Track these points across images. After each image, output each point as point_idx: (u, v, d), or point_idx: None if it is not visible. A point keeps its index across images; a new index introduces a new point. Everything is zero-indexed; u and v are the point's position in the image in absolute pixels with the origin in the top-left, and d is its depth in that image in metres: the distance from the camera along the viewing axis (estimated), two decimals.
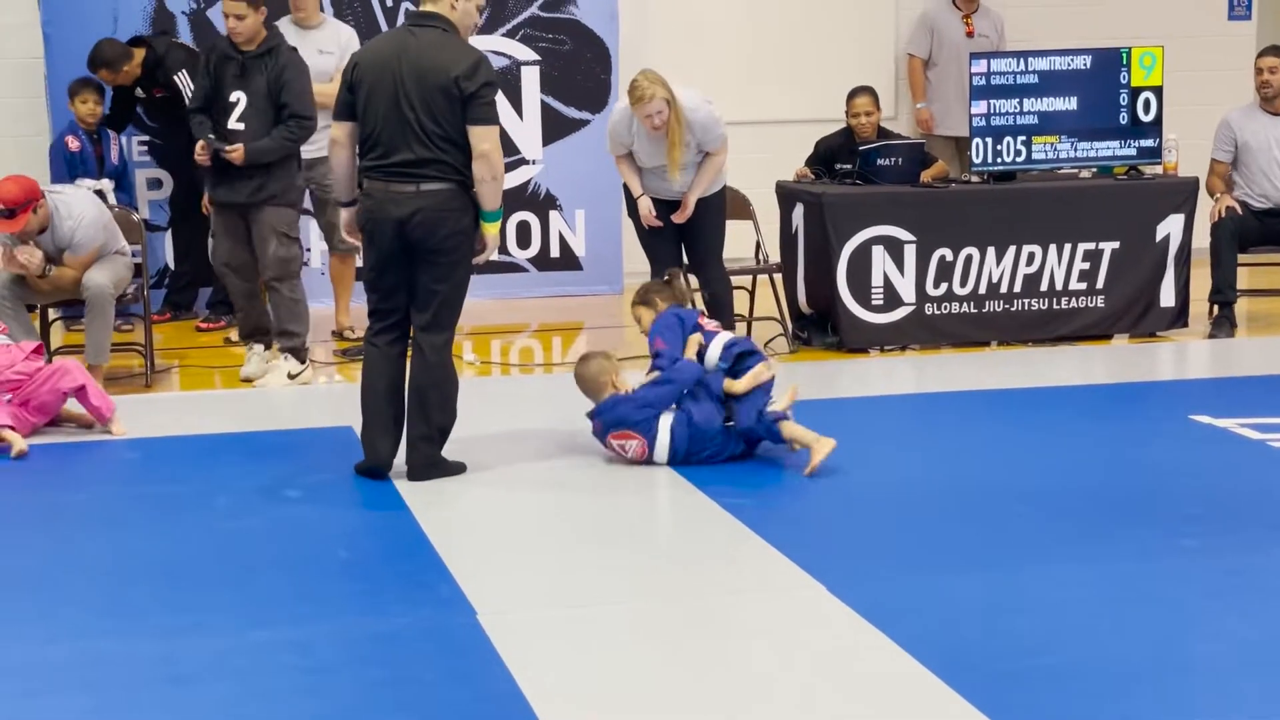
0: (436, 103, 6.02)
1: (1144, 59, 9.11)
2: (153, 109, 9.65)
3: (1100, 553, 5.30)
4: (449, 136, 6.04)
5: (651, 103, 7.71)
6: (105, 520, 5.92)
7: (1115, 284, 8.94)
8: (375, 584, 5.15)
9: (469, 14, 6.19)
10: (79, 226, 7.76)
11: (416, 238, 6.07)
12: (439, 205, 6.06)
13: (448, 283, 6.15)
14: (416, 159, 6.04)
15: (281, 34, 8.17)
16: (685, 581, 5.15)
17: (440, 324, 6.19)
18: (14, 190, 7.54)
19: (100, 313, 7.80)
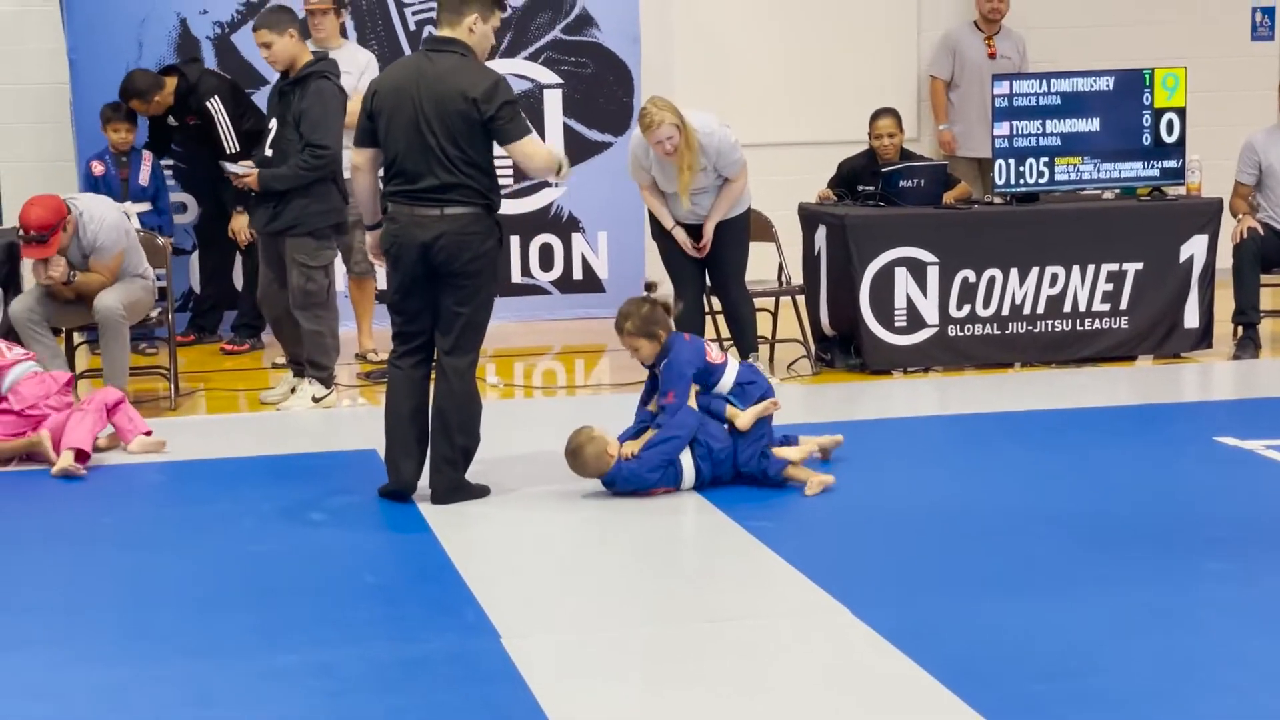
0: (457, 127, 6.05)
1: (1167, 80, 9.10)
2: (185, 136, 9.69)
3: (1125, 575, 5.28)
4: (471, 160, 6.08)
5: (661, 128, 7.75)
6: (131, 543, 5.94)
7: (1139, 305, 8.92)
8: (400, 608, 5.16)
9: (486, 37, 6.21)
10: (100, 229, 7.81)
11: (440, 261, 6.09)
12: (462, 229, 6.08)
13: (471, 305, 6.17)
14: (440, 184, 6.07)
15: (329, 62, 8.01)
16: (709, 604, 5.15)
17: (463, 347, 6.21)
18: (44, 215, 7.60)
19: (114, 335, 7.82)
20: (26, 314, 7.76)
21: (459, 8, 6.13)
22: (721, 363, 6.52)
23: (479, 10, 6.14)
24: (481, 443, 6.32)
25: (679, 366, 6.40)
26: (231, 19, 10.00)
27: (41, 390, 7.04)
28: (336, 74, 7.94)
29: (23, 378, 7.08)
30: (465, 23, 6.12)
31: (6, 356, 7.16)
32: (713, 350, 6.55)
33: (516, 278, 10.50)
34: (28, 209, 7.63)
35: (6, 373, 7.09)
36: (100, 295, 7.81)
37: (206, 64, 9.90)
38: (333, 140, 7.77)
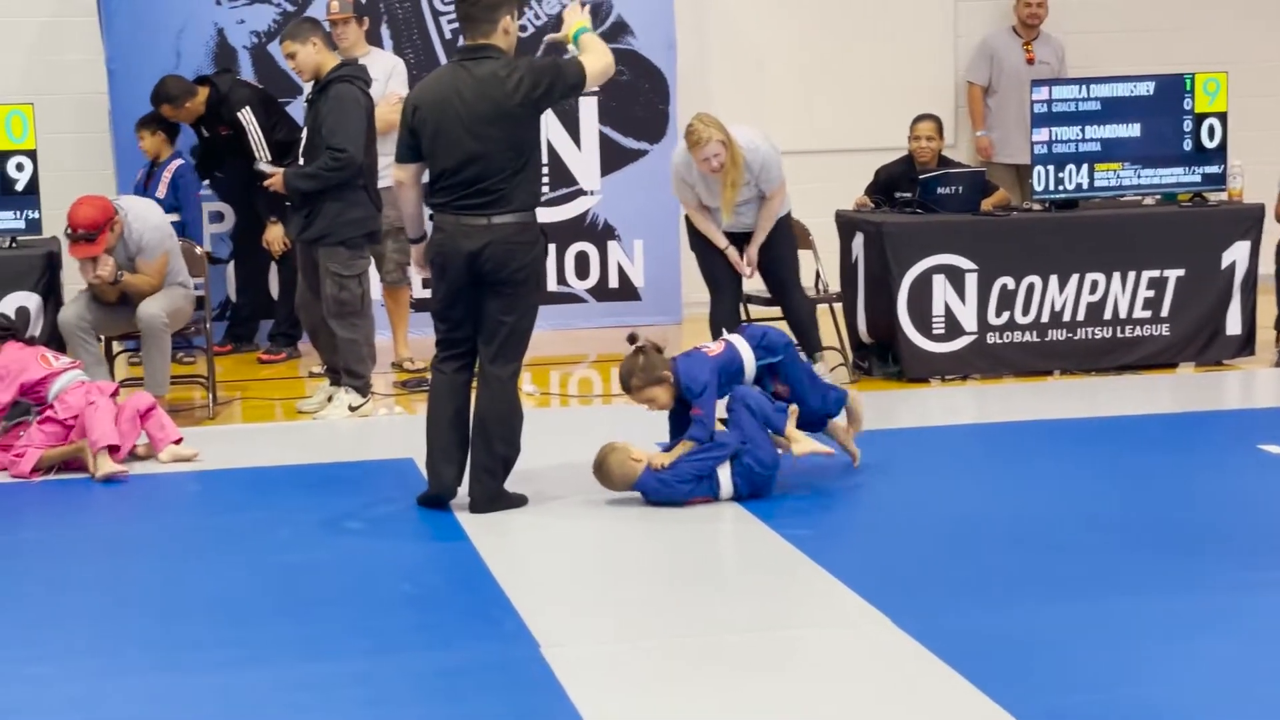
0: (510, 131, 6.06)
1: (1208, 85, 9.04)
2: (218, 146, 9.71)
3: (1169, 584, 5.23)
4: (519, 168, 6.08)
5: (708, 145, 7.75)
6: (168, 552, 5.95)
7: (1180, 312, 8.85)
8: (438, 617, 5.14)
9: (515, 36, 6.24)
10: (145, 230, 7.86)
11: (487, 270, 6.08)
12: (509, 238, 6.08)
13: (515, 314, 6.16)
14: (487, 194, 6.06)
15: (356, 67, 8.04)
16: (748, 614, 5.12)
17: (506, 356, 6.20)
18: (92, 214, 7.66)
19: (155, 343, 7.85)
20: (76, 320, 7.79)
21: (490, 15, 6.11)
22: (731, 355, 6.44)
23: (508, 11, 6.14)
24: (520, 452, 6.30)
25: (699, 382, 6.30)
26: (268, 28, 10.03)
27: (87, 399, 7.06)
28: (364, 80, 7.96)
29: (69, 386, 7.11)
30: (500, 25, 6.11)
31: (54, 365, 7.20)
32: (711, 349, 6.49)
33: (552, 286, 10.49)
34: (76, 208, 7.68)
35: (54, 381, 7.13)
36: (144, 303, 7.84)
37: (243, 74, 9.93)
38: (351, 144, 7.74)
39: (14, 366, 7.13)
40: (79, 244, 7.66)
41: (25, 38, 10.42)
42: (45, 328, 7.99)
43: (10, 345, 7.24)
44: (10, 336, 7.31)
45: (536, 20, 10.32)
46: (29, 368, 7.14)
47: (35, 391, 7.13)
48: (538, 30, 10.28)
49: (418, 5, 10.18)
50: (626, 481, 6.26)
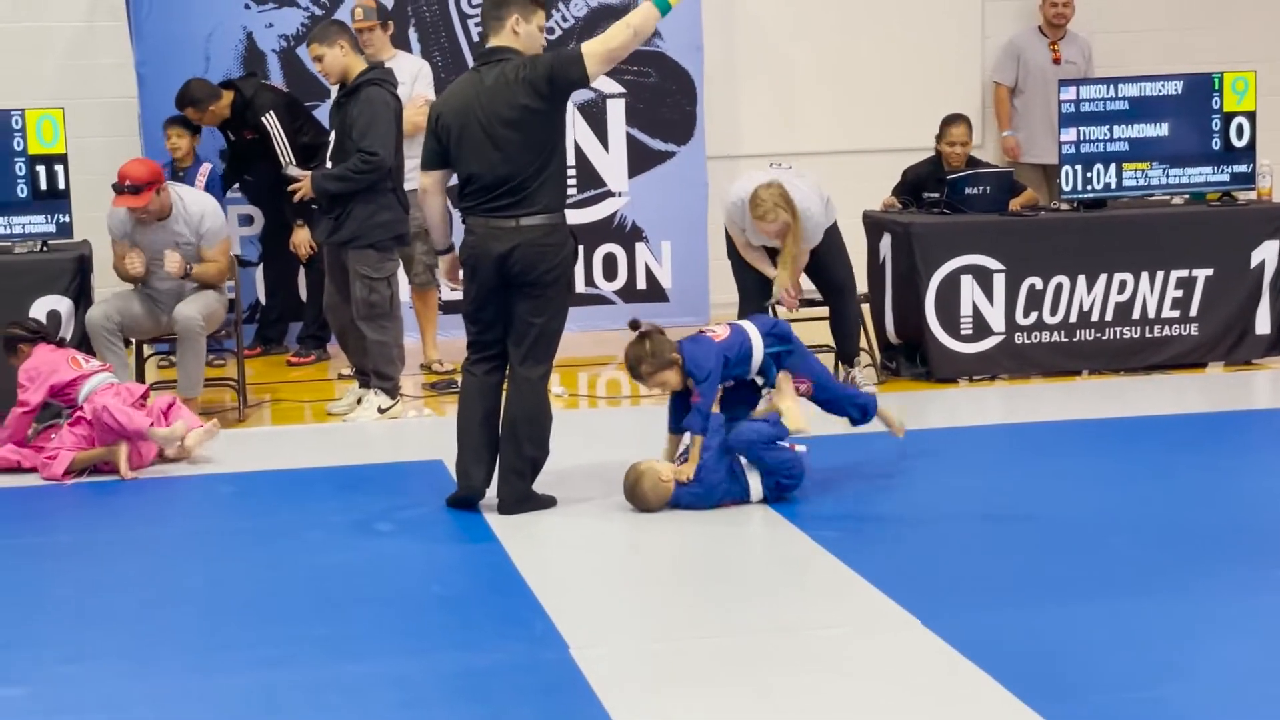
0: (527, 131, 6.06)
1: (1236, 84, 9.01)
2: (244, 151, 9.76)
3: (1200, 585, 5.22)
4: (543, 168, 6.10)
5: (774, 224, 7.82)
6: (199, 554, 5.98)
7: (1209, 312, 8.83)
8: (468, 618, 5.16)
9: (532, 37, 6.19)
10: (205, 213, 8.00)
11: (516, 272, 6.11)
12: (538, 240, 6.10)
13: (545, 316, 6.19)
14: (514, 196, 6.09)
15: (384, 70, 8.08)
16: (777, 615, 5.12)
17: (536, 358, 6.23)
18: (140, 170, 7.82)
19: (190, 345, 7.90)
20: (103, 321, 7.83)
21: (498, 12, 6.14)
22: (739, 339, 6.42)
23: (518, 11, 6.12)
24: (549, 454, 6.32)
25: (703, 369, 6.29)
26: (296, 32, 10.07)
27: (116, 401, 7.11)
28: (391, 82, 7.99)
29: (99, 388, 7.16)
30: (508, 26, 6.12)
31: (84, 367, 7.26)
32: (717, 333, 6.43)
33: (580, 287, 10.49)
34: (129, 164, 7.91)
35: (84, 383, 7.18)
36: (180, 305, 7.91)
37: (271, 77, 9.98)
38: (382, 146, 7.76)
39: (44, 368, 7.18)
40: (124, 195, 7.78)
41: (57, 43, 10.49)
42: (76, 331, 8.03)
43: (42, 347, 7.30)
44: (41, 339, 7.37)
45: (564, 22, 10.34)
46: (59, 369, 7.19)
47: (65, 394, 7.18)
48: (565, 33, 10.30)
49: (445, 8, 10.21)
50: (662, 501, 6.25)
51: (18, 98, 9.36)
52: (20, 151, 8.39)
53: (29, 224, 8.43)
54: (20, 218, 8.42)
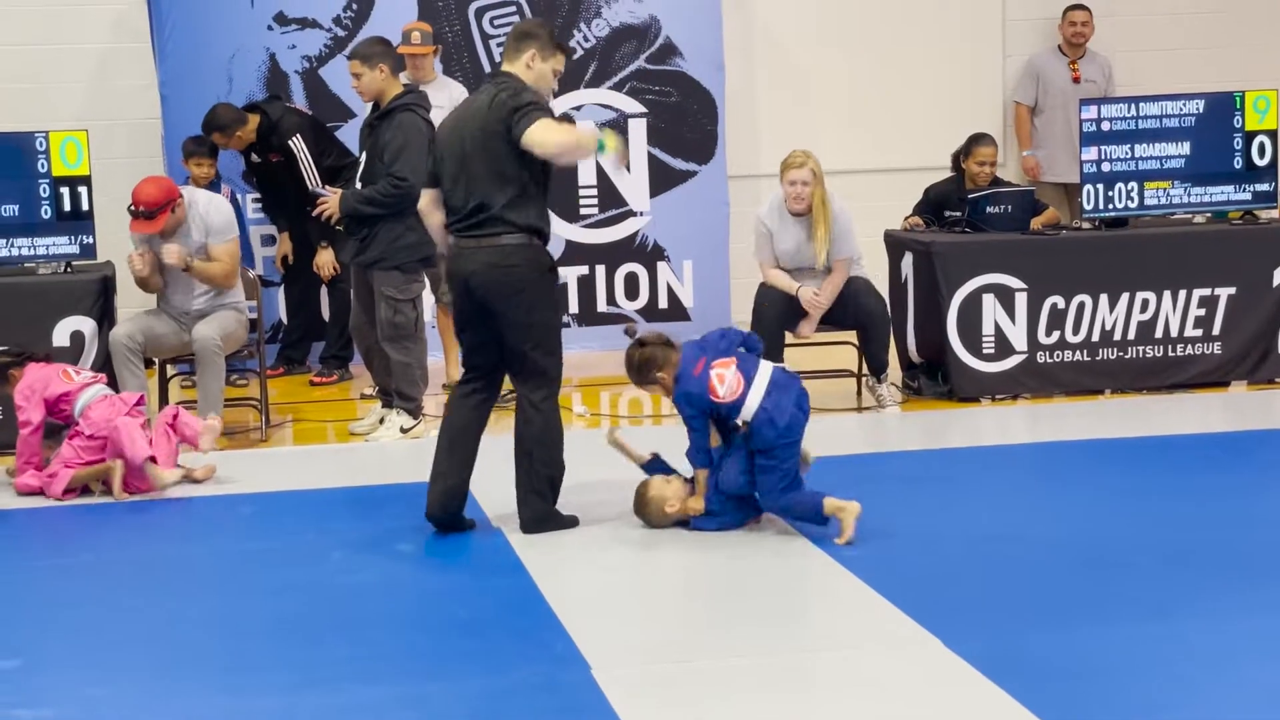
0: (497, 152, 6.02)
1: (1258, 103, 9.00)
2: (269, 173, 9.79)
3: (1222, 605, 5.20)
4: (514, 191, 6.04)
5: (801, 170, 8.02)
6: (220, 575, 6.00)
7: (1232, 330, 8.80)
8: (489, 639, 5.16)
9: (544, 76, 6.19)
10: (211, 209, 8.06)
11: (481, 296, 6.10)
12: (498, 261, 6.06)
13: (527, 340, 6.13)
14: (480, 215, 6.07)
15: (418, 95, 8.11)
16: (799, 635, 5.12)
17: (534, 381, 6.21)
18: (154, 192, 7.84)
19: (209, 365, 7.92)
20: (126, 340, 7.86)
21: (518, 44, 6.18)
22: (735, 399, 6.07)
23: (537, 48, 6.15)
24: (568, 472, 6.32)
25: (685, 409, 6.19)
26: (319, 53, 10.11)
27: (111, 411, 7.13)
28: (425, 107, 8.01)
29: (94, 401, 7.18)
30: (523, 58, 6.14)
31: (75, 380, 7.25)
32: (725, 380, 6.10)
33: (602, 306, 10.52)
34: (141, 185, 7.90)
35: (78, 396, 7.19)
36: (199, 325, 7.94)
37: (294, 98, 10.02)
38: (412, 172, 7.75)
39: (37, 385, 7.19)
40: (139, 220, 7.83)
41: (80, 65, 10.55)
42: (100, 352, 8.06)
43: (32, 366, 7.31)
44: (27, 359, 7.38)
45: (586, 42, 10.36)
46: (51, 383, 7.20)
47: (60, 409, 7.19)
48: (586, 52, 10.33)
49: (468, 30, 10.24)
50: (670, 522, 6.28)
51: (42, 119, 9.42)
52: (44, 173, 8.43)
53: (53, 245, 8.46)
54: (44, 239, 8.46)
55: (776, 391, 6.08)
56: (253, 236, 10.11)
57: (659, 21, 10.42)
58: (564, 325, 10.31)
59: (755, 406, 6.05)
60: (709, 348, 6.27)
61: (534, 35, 6.20)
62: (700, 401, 6.14)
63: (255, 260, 10.02)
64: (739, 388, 6.09)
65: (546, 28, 6.37)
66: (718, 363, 6.17)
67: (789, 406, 6.07)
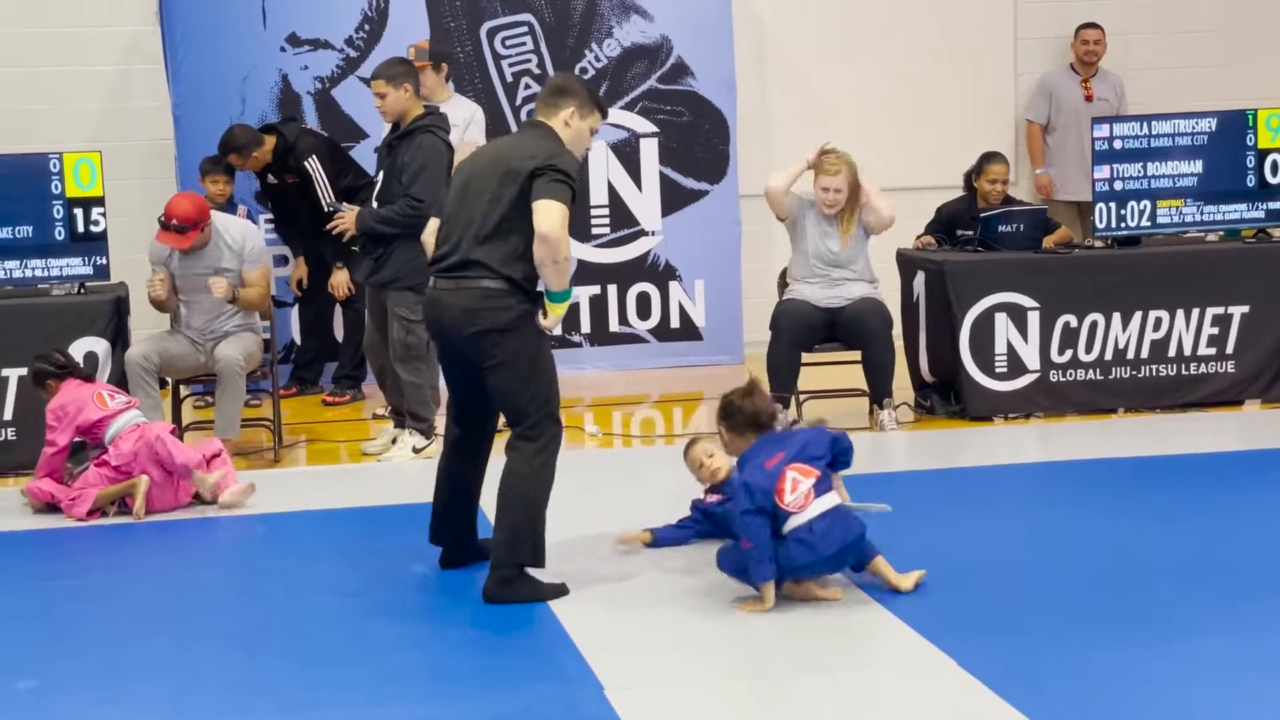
0: (496, 189, 5.67)
1: (1270, 121, 8.98)
2: (284, 194, 9.81)
3: (1240, 626, 5.18)
4: (499, 230, 5.66)
5: (836, 177, 8.16)
6: (235, 595, 6.00)
7: (1246, 348, 8.79)
8: (502, 659, 5.16)
9: (581, 135, 5.85)
10: (246, 236, 8.15)
11: (455, 342, 5.76)
12: (469, 304, 5.68)
13: (502, 386, 5.73)
14: (462, 257, 5.72)
15: (438, 116, 8.07)
16: (813, 656, 5.10)
17: (518, 424, 5.76)
18: (189, 209, 7.93)
19: (230, 385, 7.95)
20: (141, 360, 7.88)
21: (555, 99, 5.85)
22: (796, 510, 5.44)
23: (576, 105, 5.82)
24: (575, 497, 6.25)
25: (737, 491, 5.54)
26: (332, 74, 10.14)
27: (137, 447, 7.12)
28: (445, 129, 8.03)
29: (125, 430, 7.18)
30: (561, 115, 5.80)
31: (109, 405, 7.26)
32: (799, 488, 5.45)
33: (614, 326, 10.53)
34: (176, 199, 8.02)
35: (111, 423, 7.20)
36: (221, 346, 7.97)
37: (307, 118, 10.04)
38: (429, 194, 7.76)
39: (71, 408, 7.19)
40: (169, 232, 7.90)
41: (94, 87, 10.58)
42: (114, 372, 8.08)
43: (69, 383, 7.32)
44: (69, 374, 7.39)
45: (597, 63, 10.38)
46: (86, 408, 7.20)
47: (93, 433, 7.21)
48: (597, 73, 10.35)
49: (480, 50, 10.27)
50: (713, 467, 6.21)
51: (55, 141, 9.46)
52: (58, 194, 8.46)
53: (66, 266, 8.49)
54: (58, 260, 8.49)
55: (831, 519, 5.46)
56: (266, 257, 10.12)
57: (670, 41, 10.45)
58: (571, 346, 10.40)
59: (802, 522, 5.45)
60: (792, 444, 5.58)
61: (572, 92, 5.86)
62: (763, 498, 5.42)
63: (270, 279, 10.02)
64: (805, 503, 5.46)
65: (584, 84, 6.03)
66: (797, 465, 5.51)
67: (836, 541, 5.45)
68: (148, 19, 10.34)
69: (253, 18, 10.03)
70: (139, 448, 7.10)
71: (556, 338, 10.39)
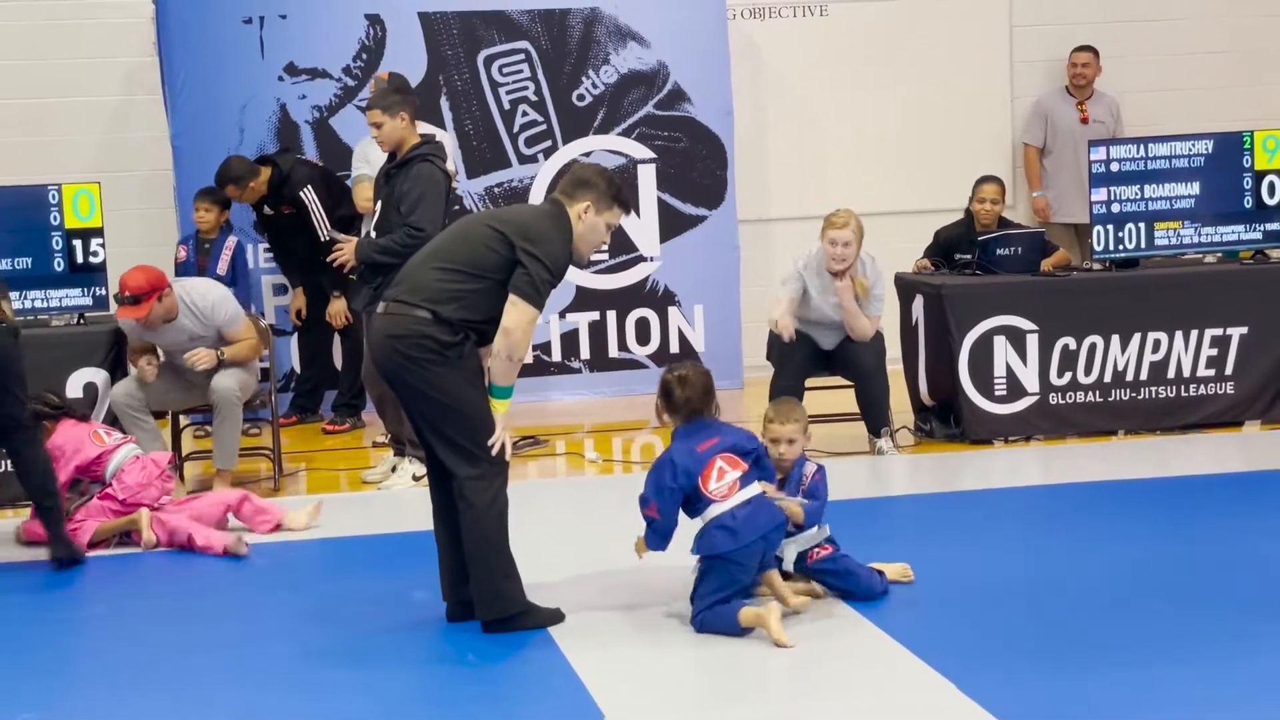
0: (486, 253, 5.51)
1: (1267, 142, 9.01)
2: (281, 224, 9.82)
3: (1241, 650, 5.17)
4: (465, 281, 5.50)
5: (843, 230, 8.05)
6: (235, 626, 5.98)
7: (1245, 369, 8.79)
8: (502, 687, 5.16)
9: (595, 230, 5.64)
10: (217, 303, 8.00)
11: (382, 370, 5.61)
12: (390, 330, 5.51)
13: (427, 426, 5.57)
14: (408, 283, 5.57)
15: (435, 145, 8.04)
16: (812, 682, 5.10)
17: (454, 465, 5.56)
18: (140, 279, 7.79)
19: (227, 417, 7.94)
20: (125, 399, 7.88)
21: (574, 190, 5.65)
22: (719, 498, 5.54)
23: (593, 200, 5.60)
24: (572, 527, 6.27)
25: (659, 470, 5.66)
26: (329, 103, 10.17)
27: (143, 477, 7.15)
28: (442, 157, 8.02)
29: (125, 462, 7.19)
30: (577, 207, 5.61)
31: (107, 442, 7.27)
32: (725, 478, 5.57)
33: (614, 352, 10.54)
34: (128, 272, 7.86)
35: (110, 458, 7.21)
36: (218, 377, 7.95)
37: (305, 147, 10.06)
38: (429, 222, 7.75)
39: (69, 447, 7.19)
40: (125, 305, 7.81)
41: (93, 118, 10.63)
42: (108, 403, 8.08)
43: (65, 423, 7.31)
44: (64, 414, 7.39)
45: (594, 89, 10.41)
46: (84, 447, 7.21)
47: (92, 470, 7.20)
48: (595, 99, 10.37)
49: (477, 77, 10.29)
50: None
51: (55, 172, 9.49)
52: (57, 226, 8.49)
53: (65, 297, 8.51)
54: (57, 291, 8.51)
55: (753, 506, 5.55)
56: (264, 286, 10.14)
57: (667, 67, 10.47)
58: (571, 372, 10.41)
59: (724, 510, 5.53)
60: (726, 435, 5.69)
61: (591, 185, 5.63)
62: (685, 479, 5.56)
63: (268, 310, 10.04)
64: (729, 493, 5.56)
65: (606, 176, 5.72)
66: (727, 455, 5.61)
67: (759, 527, 5.53)
68: (146, 50, 10.38)
69: (250, 48, 10.06)
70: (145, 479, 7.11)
71: (557, 364, 10.43)
